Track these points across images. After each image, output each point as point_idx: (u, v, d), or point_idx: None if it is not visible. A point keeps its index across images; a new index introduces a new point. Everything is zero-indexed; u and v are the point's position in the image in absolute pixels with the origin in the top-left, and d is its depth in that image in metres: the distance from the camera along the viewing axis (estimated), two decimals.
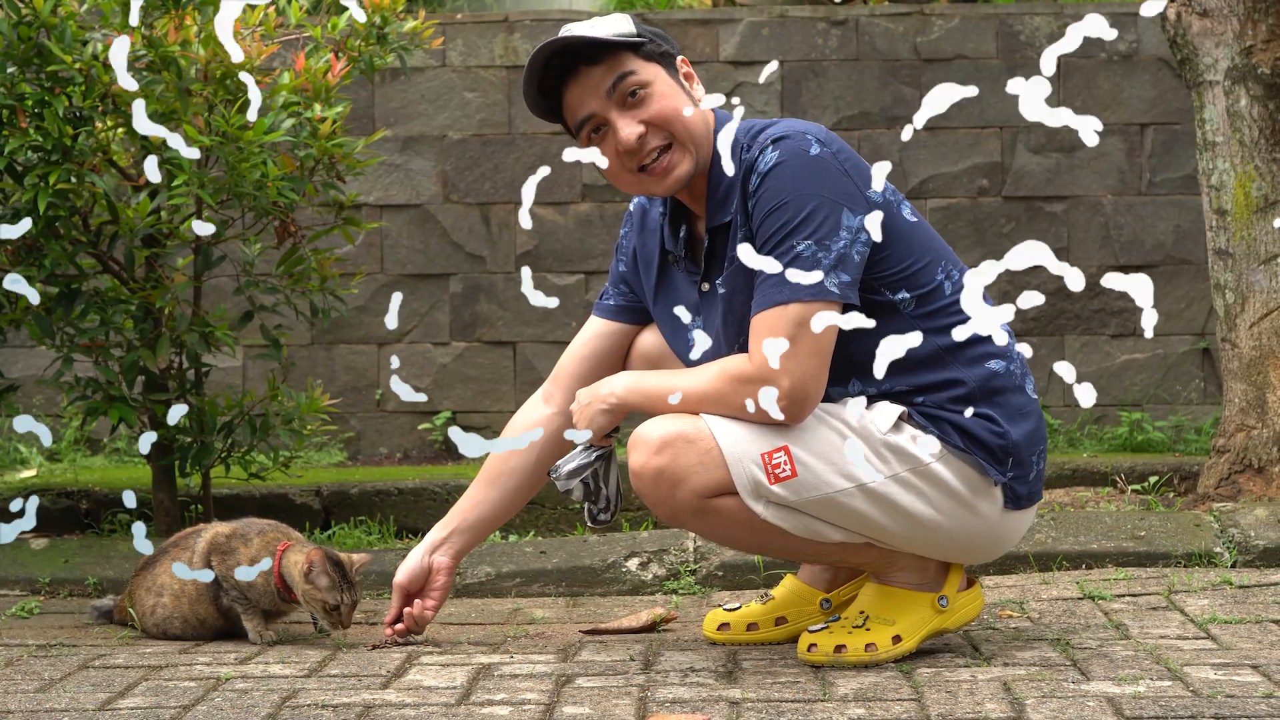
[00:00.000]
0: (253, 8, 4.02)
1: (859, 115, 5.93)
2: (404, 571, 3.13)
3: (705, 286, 2.90)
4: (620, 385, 2.86)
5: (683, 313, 2.72)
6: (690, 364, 2.92)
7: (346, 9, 4.15)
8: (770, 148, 2.76)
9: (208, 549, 3.19)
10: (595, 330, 3.12)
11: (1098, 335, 5.94)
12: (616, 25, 2.85)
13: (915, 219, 2.86)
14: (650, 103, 2.83)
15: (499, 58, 5.96)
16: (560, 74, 2.85)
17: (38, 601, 3.65)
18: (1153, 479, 4.72)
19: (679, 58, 2.91)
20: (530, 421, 3.13)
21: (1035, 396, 2.89)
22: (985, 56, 5.95)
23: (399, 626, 3.13)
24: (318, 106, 3.96)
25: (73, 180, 3.76)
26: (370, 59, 4.15)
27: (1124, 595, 3.41)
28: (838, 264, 2.71)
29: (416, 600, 3.13)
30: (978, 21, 5.95)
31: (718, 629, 3.09)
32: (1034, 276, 5.91)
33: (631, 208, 3.11)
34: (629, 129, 2.82)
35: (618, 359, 3.10)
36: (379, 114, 5.95)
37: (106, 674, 2.90)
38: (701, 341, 2.20)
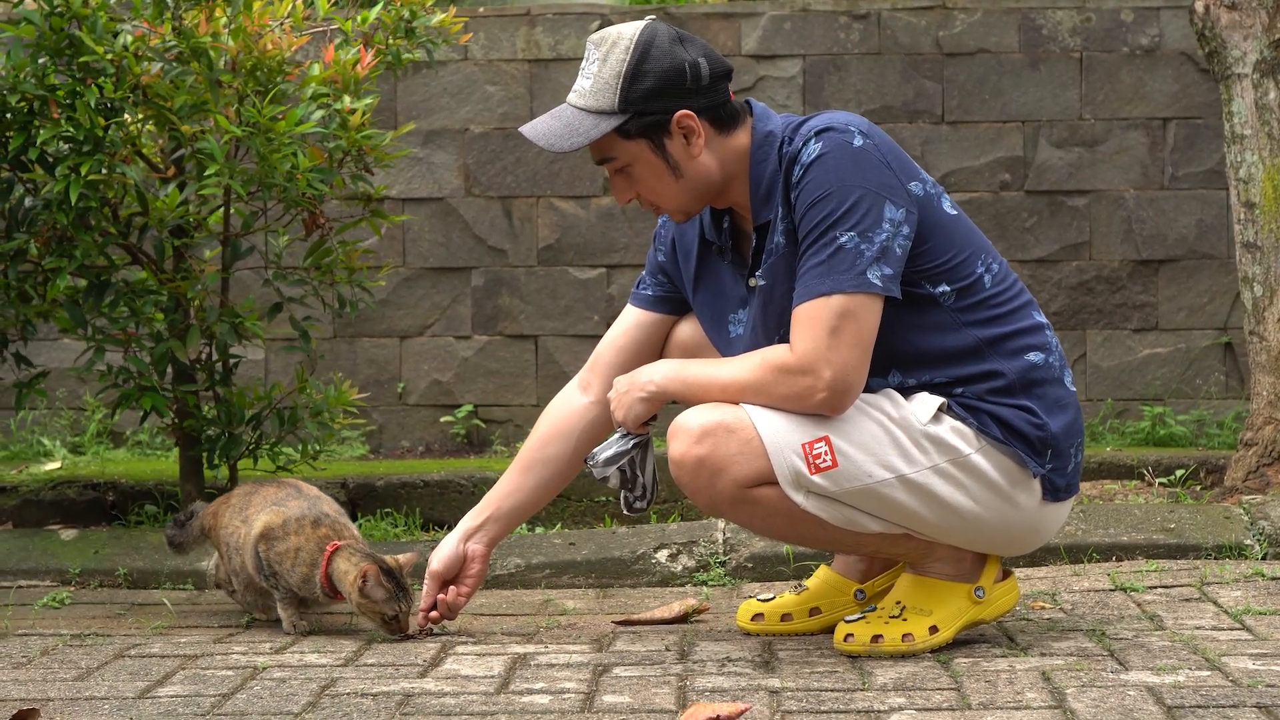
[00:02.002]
0: None
1: (881, 109, 5.93)
2: (439, 559, 3.13)
3: (753, 282, 2.89)
4: (659, 373, 2.87)
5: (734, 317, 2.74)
6: (730, 355, 2.92)
7: (376, 1, 4.14)
8: (814, 139, 2.77)
9: (257, 537, 3.20)
10: (632, 320, 3.12)
11: (1120, 329, 5.93)
12: (603, 95, 2.80)
13: (955, 212, 2.85)
14: (633, 181, 2.87)
15: (521, 51, 5.96)
16: None
17: (68, 592, 3.66)
18: (1179, 472, 4.71)
19: (677, 114, 2.81)
20: (568, 410, 3.14)
21: (1073, 389, 2.89)
22: (1007, 50, 5.94)
23: (434, 614, 3.13)
24: (347, 98, 3.96)
25: (104, 171, 3.77)
26: (398, 52, 4.15)
27: (1156, 587, 3.40)
28: (880, 256, 2.71)
29: (450, 587, 3.13)
30: (1000, 15, 5.94)
31: (751, 619, 3.09)
32: (1056, 270, 5.90)
33: None
34: (620, 194, 2.89)
35: (655, 349, 3.10)
36: (401, 107, 5.95)
37: (143, 662, 2.90)
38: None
